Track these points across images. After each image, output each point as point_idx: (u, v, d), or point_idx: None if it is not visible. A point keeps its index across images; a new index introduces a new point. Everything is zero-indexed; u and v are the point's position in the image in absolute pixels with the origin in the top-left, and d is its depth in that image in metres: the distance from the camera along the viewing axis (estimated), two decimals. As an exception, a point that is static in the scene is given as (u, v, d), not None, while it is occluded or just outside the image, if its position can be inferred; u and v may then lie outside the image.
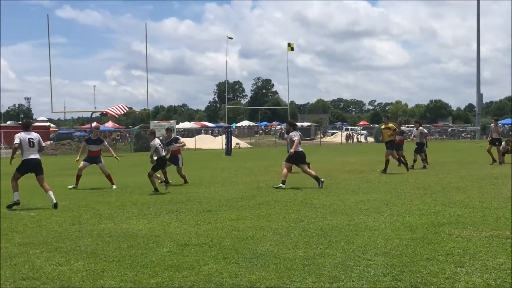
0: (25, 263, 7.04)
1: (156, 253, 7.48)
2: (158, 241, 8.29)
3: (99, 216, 10.99)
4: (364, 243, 7.88)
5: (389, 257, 7.00)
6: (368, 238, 8.21)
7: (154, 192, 14.96)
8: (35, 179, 12.79)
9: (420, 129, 23.36)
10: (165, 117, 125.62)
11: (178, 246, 7.89)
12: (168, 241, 8.26)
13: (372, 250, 7.42)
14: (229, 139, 43.10)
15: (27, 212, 11.60)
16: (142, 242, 8.23)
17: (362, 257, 7.03)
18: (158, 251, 7.60)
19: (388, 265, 6.59)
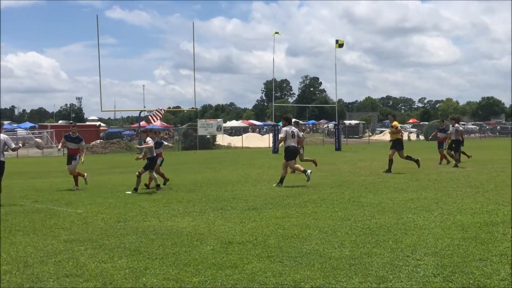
0: (70, 260, 7.03)
1: (199, 251, 7.38)
2: (202, 239, 8.19)
3: (144, 213, 10.98)
4: (413, 242, 7.62)
5: (439, 257, 6.73)
6: (417, 237, 7.93)
7: (133, 192, 14.74)
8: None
9: (456, 126, 22.67)
10: (212, 116, 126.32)
11: (222, 244, 7.78)
12: (212, 239, 8.16)
13: (422, 249, 7.15)
14: (276, 137, 42.94)
15: (75, 210, 11.68)
16: (186, 240, 8.15)
17: (411, 256, 6.78)
18: (202, 249, 7.50)
19: (439, 266, 6.32)
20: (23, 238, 8.61)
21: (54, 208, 12.05)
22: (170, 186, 16.44)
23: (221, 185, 16.47)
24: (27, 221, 10.23)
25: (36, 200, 13.59)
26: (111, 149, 48.04)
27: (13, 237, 8.67)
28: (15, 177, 20.80)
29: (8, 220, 10.38)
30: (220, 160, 31.37)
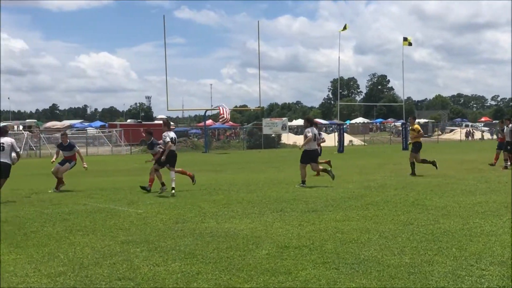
0: (124, 262, 7.02)
1: (254, 256, 7.23)
2: (258, 243, 8.04)
3: (203, 214, 10.93)
4: (479, 250, 7.23)
5: (506, 267, 6.34)
6: (483, 245, 7.53)
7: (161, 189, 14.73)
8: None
9: (510, 127, 21.60)
10: (279, 115, 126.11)
11: (277, 249, 7.61)
12: (268, 243, 8.00)
13: (487, 258, 6.77)
14: (342, 136, 42.46)
15: (135, 210, 11.76)
16: (242, 243, 8.02)
17: (475, 266, 6.42)
18: (257, 253, 7.35)
19: (505, 277, 5.95)
20: (82, 238, 8.69)
21: (115, 208, 12.17)
22: (231, 186, 16.36)
23: (283, 185, 16.31)
24: (88, 221, 10.35)
25: (99, 199, 13.80)
26: (177, 147, 48.55)
27: (73, 237, 8.77)
28: (82, 176, 21.24)
29: (70, 220, 10.53)
30: (284, 160, 31.23)
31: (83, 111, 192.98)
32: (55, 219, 10.68)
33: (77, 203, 13.12)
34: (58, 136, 49.14)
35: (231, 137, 64.79)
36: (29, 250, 7.89)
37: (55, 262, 7.08)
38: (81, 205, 12.67)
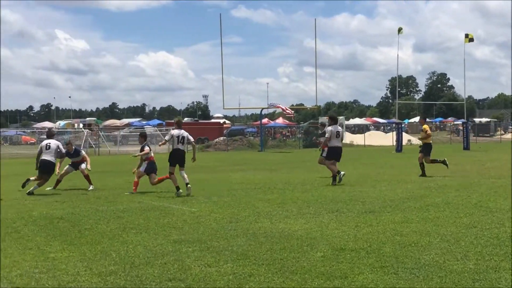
0: (175, 262, 6.87)
1: (308, 258, 6.97)
2: (313, 244, 7.78)
3: (257, 214, 10.73)
4: (549, 256, 6.78)
5: None
6: (553, 251, 7.06)
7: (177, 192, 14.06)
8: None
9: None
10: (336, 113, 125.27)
11: (333, 251, 7.33)
12: (323, 245, 7.73)
13: (559, 265, 6.33)
14: (400, 135, 41.64)
15: (189, 208, 11.66)
16: (296, 245, 7.77)
17: (546, 274, 6.00)
18: (312, 256, 7.09)
19: None
20: (135, 236, 8.61)
21: (169, 206, 12.11)
22: (286, 185, 16.12)
23: (339, 185, 15.95)
24: (142, 219, 10.30)
25: (155, 196, 13.78)
26: (233, 146, 48.65)
27: (126, 235, 8.70)
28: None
29: (124, 217, 10.50)
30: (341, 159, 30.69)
31: (142, 110, 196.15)
32: (110, 216, 10.67)
33: (132, 200, 13.14)
34: (117, 134, 49.99)
35: (287, 136, 64.51)
36: (82, 248, 7.85)
37: (107, 261, 7.00)
38: (136, 203, 12.66)
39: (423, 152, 18.84)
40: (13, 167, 27.95)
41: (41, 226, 9.69)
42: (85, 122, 76.28)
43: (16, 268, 6.68)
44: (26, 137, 61.31)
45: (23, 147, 52.53)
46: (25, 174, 22.00)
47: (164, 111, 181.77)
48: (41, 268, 6.66)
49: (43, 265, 6.83)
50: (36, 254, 7.49)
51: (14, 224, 9.88)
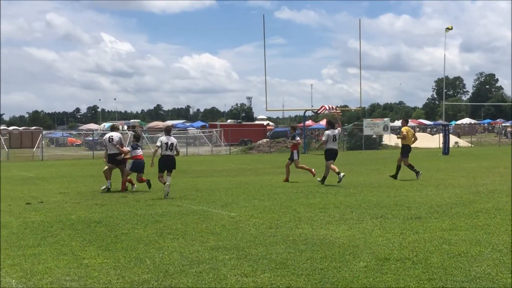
0: (211, 271, 6.59)
1: (351, 268, 6.61)
2: (356, 253, 7.40)
3: (298, 219, 10.39)
4: None
5: None
6: None
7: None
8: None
9: None
10: (380, 115, 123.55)
11: (377, 260, 6.94)
12: (366, 254, 7.35)
13: None
14: (447, 137, 40.66)
15: (228, 212, 11.39)
16: (338, 253, 7.41)
17: None
18: (354, 266, 6.72)
19: None
20: (171, 242, 8.38)
21: (209, 210, 11.86)
22: (328, 189, 15.73)
23: (384, 189, 15.48)
24: (179, 224, 10.07)
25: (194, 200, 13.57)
26: (276, 148, 48.32)
27: (162, 241, 8.48)
28: (179, 176, 21.29)
29: (162, 222, 10.29)
30: (386, 162, 30.11)
31: (186, 112, 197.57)
32: (147, 220, 10.48)
33: (171, 204, 12.94)
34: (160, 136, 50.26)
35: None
36: (117, 254, 7.65)
37: (141, 268, 6.77)
38: (175, 206, 12.46)
39: (402, 154, 19.19)
40: (58, 168, 28.24)
41: (78, 230, 9.55)
42: (129, 124, 77.08)
43: (47, 276, 6.51)
44: (71, 139, 62.19)
45: (69, 149, 53.32)
46: (68, 176, 22.17)
47: (208, 113, 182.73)
48: (73, 276, 6.47)
49: (75, 272, 6.64)
50: (70, 260, 7.32)
51: (51, 228, 9.77)
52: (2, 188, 17.25)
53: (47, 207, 12.67)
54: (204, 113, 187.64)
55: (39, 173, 24.38)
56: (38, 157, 39.32)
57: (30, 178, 21.80)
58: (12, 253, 7.76)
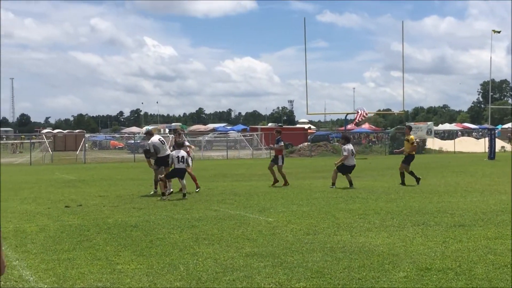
0: (244, 279, 6.42)
1: (390, 278, 6.35)
2: (396, 262, 7.13)
3: (337, 225, 10.14)
4: None
5: None
6: None
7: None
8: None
9: None
10: (424, 119, 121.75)
11: (417, 271, 6.66)
12: (407, 263, 7.07)
13: None
14: (493, 141, 39.68)
15: (266, 218, 11.20)
16: (377, 262, 7.14)
17: None
18: (393, 276, 6.46)
19: None
20: (206, 248, 8.24)
21: (246, 215, 11.70)
22: (369, 194, 15.39)
23: (426, 194, 15.08)
24: (216, 229, 9.92)
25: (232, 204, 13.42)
26: (317, 152, 47.94)
27: (197, 247, 8.34)
28: (219, 180, 21.21)
29: (198, 227, 10.16)
30: (429, 166, 29.53)
31: (228, 115, 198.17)
32: (183, 225, 10.37)
33: (208, 208, 12.82)
34: (201, 139, 50.42)
35: (373, 142, 63.11)
36: (151, 259, 7.54)
37: (173, 275, 6.63)
38: (212, 211, 12.34)
39: (406, 163, 18.77)
40: (99, 171, 28.49)
41: (114, 234, 9.49)
42: (170, 127, 77.52)
43: (80, 281, 6.43)
44: (114, 142, 62.92)
45: (111, 152, 53.93)
46: (109, 179, 22.31)
47: (249, 116, 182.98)
48: (105, 282, 6.38)
49: (107, 278, 6.55)
50: (103, 265, 7.23)
51: (87, 232, 9.74)
52: (44, 191, 17.44)
53: (85, 210, 12.69)
54: (245, 117, 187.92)
55: (81, 176, 24.62)
56: (81, 160, 39.82)
57: (71, 180, 22.01)
58: (47, 257, 7.73)
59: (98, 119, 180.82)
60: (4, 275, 6.59)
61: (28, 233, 9.73)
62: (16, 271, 6.95)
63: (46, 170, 29.88)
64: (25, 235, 9.55)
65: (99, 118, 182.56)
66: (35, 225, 10.58)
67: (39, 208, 13.19)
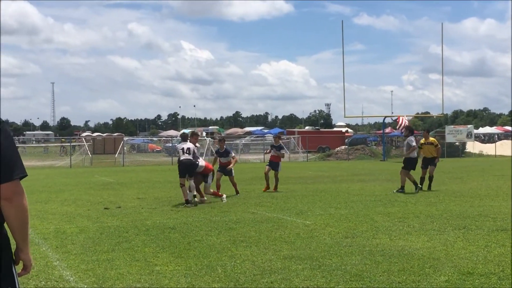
0: (282, 281, 6.38)
1: (430, 282, 6.24)
2: (436, 266, 7.01)
3: (375, 229, 10.02)
4: None
5: None
6: None
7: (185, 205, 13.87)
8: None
9: None
10: (464, 122, 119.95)
11: (459, 275, 6.53)
12: (448, 267, 6.94)
13: None
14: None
15: (303, 221, 11.14)
16: (417, 266, 7.03)
17: None
18: (434, 279, 6.34)
19: None
20: (244, 250, 8.22)
21: (283, 218, 11.65)
22: (408, 197, 15.20)
23: (467, 198, 14.82)
24: (253, 231, 9.90)
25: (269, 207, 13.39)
26: (355, 155, 47.61)
27: (235, 249, 8.33)
28: (257, 183, 21.20)
29: (236, 229, 10.16)
30: (469, 170, 29.04)
31: (264, 118, 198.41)
32: (221, 227, 10.37)
33: (246, 211, 12.82)
34: (238, 143, 50.53)
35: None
36: (189, 261, 7.56)
37: (211, 277, 6.63)
38: (250, 213, 12.33)
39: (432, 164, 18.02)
40: (137, 174, 28.76)
41: (152, 236, 9.55)
42: (208, 130, 77.97)
43: (119, 282, 6.48)
44: (152, 145, 63.49)
45: (149, 155, 54.41)
46: (147, 181, 22.50)
47: (286, 120, 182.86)
48: (144, 283, 6.41)
49: (146, 279, 6.58)
50: (142, 266, 7.28)
51: (126, 233, 9.82)
52: (83, 193, 17.67)
53: (124, 212, 12.81)
54: (282, 120, 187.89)
55: (119, 179, 24.88)
56: (119, 163, 40.27)
57: (110, 183, 22.26)
58: (86, 258, 7.81)
59: (136, 122, 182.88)
60: (45, 275, 6.70)
61: (68, 234, 9.86)
62: (57, 271, 7.04)
63: (85, 172, 30.31)
64: (65, 236, 9.68)
65: (137, 122, 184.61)
66: (75, 227, 10.72)
67: (79, 209, 13.37)
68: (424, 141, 18.52)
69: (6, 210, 2.99)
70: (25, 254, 3.21)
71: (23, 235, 3.12)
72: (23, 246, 3.18)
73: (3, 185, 2.95)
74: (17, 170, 3.01)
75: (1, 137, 2.98)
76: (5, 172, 2.97)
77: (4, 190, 2.96)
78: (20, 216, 3.04)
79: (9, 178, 2.97)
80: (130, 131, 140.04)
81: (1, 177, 2.95)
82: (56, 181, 23.41)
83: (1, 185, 2.95)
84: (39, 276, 6.80)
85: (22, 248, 3.18)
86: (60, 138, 76.13)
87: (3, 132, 3.01)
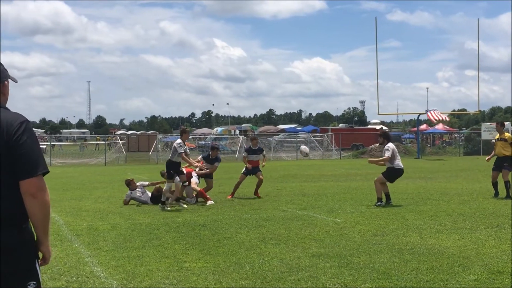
0: (309, 279, 6.39)
1: (459, 281, 6.18)
2: (466, 265, 6.94)
3: (406, 226, 9.95)
4: None
5: None
6: None
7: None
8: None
9: None
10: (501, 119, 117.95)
11: (489, 274, 6.46)
12: (478, 266, 6.86)
13: None
14: None
15: (333, 218, 11.11)
16: (446, 264, 6.97)
17: None
18: (463, 278, 6.28)
19: None
20: (273, 248, 8.25)
21: (314, 215, 11.64)
22: (441, 195, 15.02)
23: (501, 196, 14.58)
24: (283, 229, 9.92)
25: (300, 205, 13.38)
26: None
27: (264, 247, 8.36)
28: (289, 181, 21.20)
29: (265, 227, 10.19)
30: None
31: (298, 116, 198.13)
32: (251, 225, 10.42)
33: (276, 208, 12.84)
34: (271, 140, 50.55)
35: (447, 143, 61.58)
36: (217, 258, 7.62)
37: (239, 274, 6.68)
38: (280, 211, 12.35)
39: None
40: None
41: (182, 233, 9.64)
42: (241, 128, 78.22)
43: (148, 278, 6.57)
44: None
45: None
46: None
47: (320, 117, 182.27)
48: (172, 279, 6.48)
49: (174, 276, 6.66)
50: (171, 263, 7.36)
51: (157, 231, 9.94)
52: (117, 190, 17.89)
53: (155, 209, 12.95)
54: (316, 117, 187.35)
55: (153, 176, 25.07)
56: (153, 161, 40.63)
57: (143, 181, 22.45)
58: (117, 255, 7.93)
59: (170, 120, 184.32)
60: (76, 271, 6.84)
61: (101, 230, 10.02)
62: (88, 267, 7.17)
63: (119, 170, 30.66)
64: (97, 232, 9.83)
65: (171, 120, 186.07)
66: (107, 223, 10.89)
67: (112, 207, 13.56)
68: (498, 136, 15.59)
69: (31, 205, 3.10)
70: (45, 247, 3.33)
71: (44, 229, 3.25)
72: (44, 239, 3.30)
73: (28, 181, 3.08)
74: (41, 167, 3.14)
75: (25, 136, 3.10)
76: (30, 168, 3.10)
77: (28, 185, 3.08)
78: (43, 210, 3.15)
79: (33, 173, 3.10)
80: (164, 129, 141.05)
81: (26, 173, 3.06)
82: (91, 179, 23.76)
83: (26, 180, 3.06)
84: (71, 272, 6.93)
85: (43, 241, 3.30)
86: (95, 136, 77.18)
87: (27, 131, 3.14)
